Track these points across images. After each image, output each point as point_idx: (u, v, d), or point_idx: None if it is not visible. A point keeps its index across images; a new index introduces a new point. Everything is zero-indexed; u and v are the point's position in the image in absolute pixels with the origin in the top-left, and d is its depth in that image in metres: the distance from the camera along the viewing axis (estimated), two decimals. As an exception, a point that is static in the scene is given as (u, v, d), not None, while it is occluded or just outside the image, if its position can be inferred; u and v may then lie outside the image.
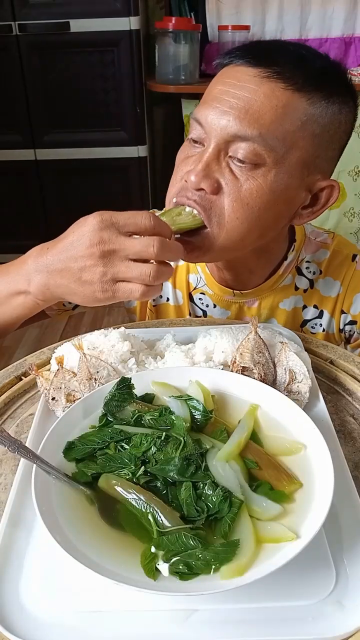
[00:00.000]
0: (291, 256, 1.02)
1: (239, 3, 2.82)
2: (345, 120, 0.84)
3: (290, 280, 1.04)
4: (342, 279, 1.04)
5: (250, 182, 0.80)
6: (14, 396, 0.82)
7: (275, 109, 0.77)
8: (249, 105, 0.78)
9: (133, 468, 0.61)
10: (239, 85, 0.79)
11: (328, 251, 1.05)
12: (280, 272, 1.02)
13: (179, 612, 0.52)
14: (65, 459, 0.64)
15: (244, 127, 0.77)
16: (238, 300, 1.05)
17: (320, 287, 1.05)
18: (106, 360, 0.78)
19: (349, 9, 2.80)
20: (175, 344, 0.85)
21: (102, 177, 2.98)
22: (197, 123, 0.83)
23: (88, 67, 2.73)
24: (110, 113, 2.85)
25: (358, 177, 3.05)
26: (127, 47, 2.68)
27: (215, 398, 0.72)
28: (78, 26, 2.61)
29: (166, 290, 1.11)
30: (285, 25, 2.87)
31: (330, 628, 0.50)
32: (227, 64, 0.83)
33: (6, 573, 0.55)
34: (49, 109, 2.82)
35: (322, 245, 1.06)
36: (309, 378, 0.76)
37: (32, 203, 3.09)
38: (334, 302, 1.05)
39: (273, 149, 0.78)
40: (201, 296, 1.07)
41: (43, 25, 2.61)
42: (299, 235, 1.04)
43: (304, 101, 0.79)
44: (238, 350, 0.78)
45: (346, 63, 2.93)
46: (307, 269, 1.05)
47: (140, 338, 0.86)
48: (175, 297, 1.10)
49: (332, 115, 0.81)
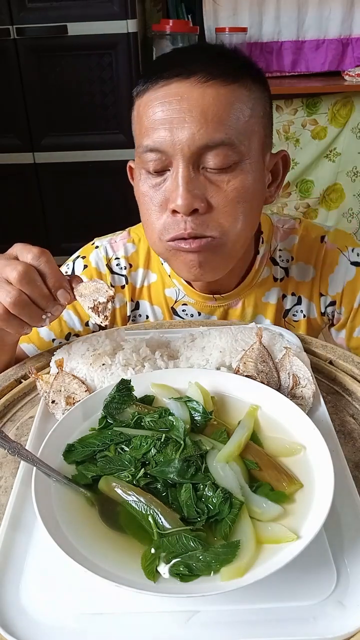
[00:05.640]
0: (262, 248, 1.03)
1: (236, 5, 2.83)
2: (269, 101, 0.88)
3: (268, 272, 1.05)
4: (314, 262, 1.05)
5: (232, 182, 0.81)
6: (13, 399, 0.82)
7: (229, 107, 0.79)
8: (204, 112, 0.77)
9: (133, 470, 0.61)
10: (185, 98, 0.78)
11: (297, 236, 1.06)
12: (256, 266, 1.02)
13: (180, 613, 0.52)
14: (65, 461, 0.64)
15: (210, 134, 0.78)
16: (221, 304, 1.05)
17: (294, 273, 1.06)
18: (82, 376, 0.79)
19: (346, 10, 2.82)
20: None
21: (101, 179, 2.98)
22: (153, 151, 0.81)
23: (86, 70, 2.73)
24: (108, 116, 2.86)
25: (356, 178, 3.05)
26: (125, 49, 2.68)
27: (215, 399, 0.72)
28: (76, 29, 2.61)
29: (144, 308, 1.10)
30: (283, 26, 2.88)
31: (331, 628, 0.50)
32: (153, 87, 0.81)
33: (7, 575, 0.55)
34: (47, 112, 2.83)
35: (291, 231, 1.06)
36: (312, 383, 0.75)
37: (31, 206, 3.09)
38: (310, 286, 1.06)
39: (240, 144, 0.80)
40: (184, 307, 1.07)
41: (41, 29, 2.61)
42: (266, 226, 1.04)
43: (244, 90, 0.81)
44: (242, 359, 0.78)
45: (343, 64, 2.94)
46: (280, 258, 1.05)
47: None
48: (154, 314, 1.10)
49: (263, 96, 0.85)
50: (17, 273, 0.71)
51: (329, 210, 3.15)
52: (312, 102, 2.83)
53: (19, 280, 0.71)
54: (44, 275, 0.73)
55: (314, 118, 2.87)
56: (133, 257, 1.08)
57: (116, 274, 1.08)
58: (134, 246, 1.08)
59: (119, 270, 1.08)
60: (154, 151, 0.81)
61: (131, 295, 1.09)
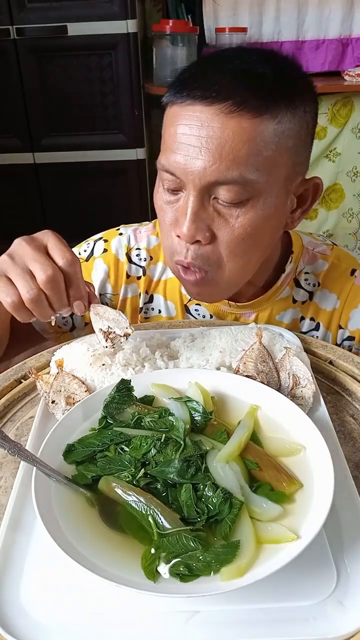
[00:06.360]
0: (289, 268, 1.01)
1: (236, 5, 2.82)
2: (312, 116, 0.82)
3: (288, 293, 1.03)
4: (340, 292, 1.03)
5: (241, 219, 0.79)
6: (13, 399, 0.82)
7: (248, 143, 0.74)
8: (221, 147, 0.74)
9: (133, 470, 0.61)
10: (205, 127, 0.74)
11: (327, 263, 1.04)
12: (279, 284, 1.01)
13: (180, 613, 0.52)
14: (65, 461, 0.64)
15: (222, 172, 0.75)
16: (234, 312, 1.04)
17: (317, 299, 1.04)
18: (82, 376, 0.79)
19: (346, 10, 2.81)
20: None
21: (101, 180, 2.98)
22: (169, 173, 0.79)
23: (86, 71, 2.73)
24: (108, 116, 2.85)
25: (356, 178, 3.05)
26: (125, 50, 2.68)
27: (215, 399, 0.72)
28: (76, 29, 2.61)
29: (157, 302, 1.10)
30: (282, 26, 2.87)
31: (331, 628, 0.50)
32: (179, 102, 0.77)
33: (7, 575, 0.55)
34: (47, 113, 2.82)
35: (321, 256, 1.04)
36: (312, 383, 0.75)
37: (31, 206, 3.08)
38: (330, 315, 1.04)
39: (256, 181, 0.76)
40: (197, 307, 1.07)
41: (41, 29, 2.60)
42: (297, 247, 1.03)
43: (272, 122, 0.75)
44: (242, 359, 0.78)
45: (343, 64, 2.94)
46: (306, 281, 1.03)
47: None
48: (167, 309, 1.10)
49: (299, 121, 0.79)
50: (46, 276, 0.71)
51: (329, 210, 3.14)
52: (312, 102, 2.83)
53: (45, 283, 0.71)
54: (69, 283, 0.74)
55: (314, 118, 2.87)
56: (155, 250, 1.08)
57: (134, 264, 1.08)
58: (158, 239, 1.08)
59: (137, 261, 1.08)
60: (169, 173, 0.79)
61: (146, 288, 1.08)
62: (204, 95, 0.75)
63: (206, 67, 0.81)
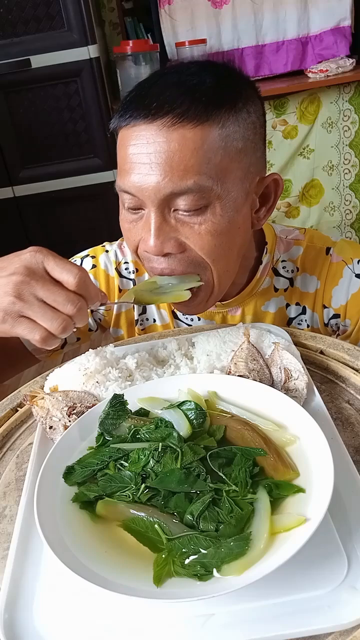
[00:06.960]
0: (265, 259, 1.02)
1: (193, 19, 2.87)
2: (257, 116, 0.83)
3: (269, 283, 1.05)
4: (319, 274, 1.04)
5: (205, 225, 0.80)
6: (11, 428, 0.82)
7: (196, 151, 0.75)
8: (170, 159, 0.75)
9: (134, 487, 0.61)
10: (151, 143, 0.76)
11: (301, 247, 1.05)
12: (258, 276, 1.02)
13: (195, 618, 0.52)
14: (66, 483, 0.64)
15: (176, 183, 0.76)
16: (220, 310, 1.05)
17: (299, 284, 1.05)
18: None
19: (300, 10, 2.85)
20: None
21: (82, 204, 3.00)
22: (127, 193, 0.81)
23: (54, 100, 2.77)
24: (81, 141, 2.89)
25: (332, 172, 3.08)
26: (90, 75, 2.72)
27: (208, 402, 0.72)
28: (39, 61, 2.65)
29: (151, 312, 1.11)
30: (241, 33, 2.91)
31: (347, 613, 0.50)
32: (124, 126, 0.80)
33: (19, 600, 0.55)
34: (21, 146, 2.86)
35: (295, 242, 1.06)
36: (304, 374, 0.76)
37: (16, 238, 3.10)
38: (314, 297, 1.05)
39: (210, 188, 0.77)
40: None
41: (4, 65, 2.64)
42: (270, 237, 1.04)
43: (216, 128, 0.76)
44: (232, 360, 0.78)
45: (305, 62, 2.98)
46: (284, 269, 1.05)
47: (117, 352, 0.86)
48: (161, 317, 1.11)
49: (244, 122, 0.80)
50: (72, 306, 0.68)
51: (310, 206, 3.17)
52: (280, 103, 2.87)
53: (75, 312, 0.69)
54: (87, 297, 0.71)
55: (283, 118, 2.90)
56: (139, 263, 1.09)
57: (125, 277, 1.10)
58: None
59: (127, 274, 1.10)
60: (128, 193, 0.81)
61: None
62: (145, 114, 0.76)
63: (145, 88, 0.82)
